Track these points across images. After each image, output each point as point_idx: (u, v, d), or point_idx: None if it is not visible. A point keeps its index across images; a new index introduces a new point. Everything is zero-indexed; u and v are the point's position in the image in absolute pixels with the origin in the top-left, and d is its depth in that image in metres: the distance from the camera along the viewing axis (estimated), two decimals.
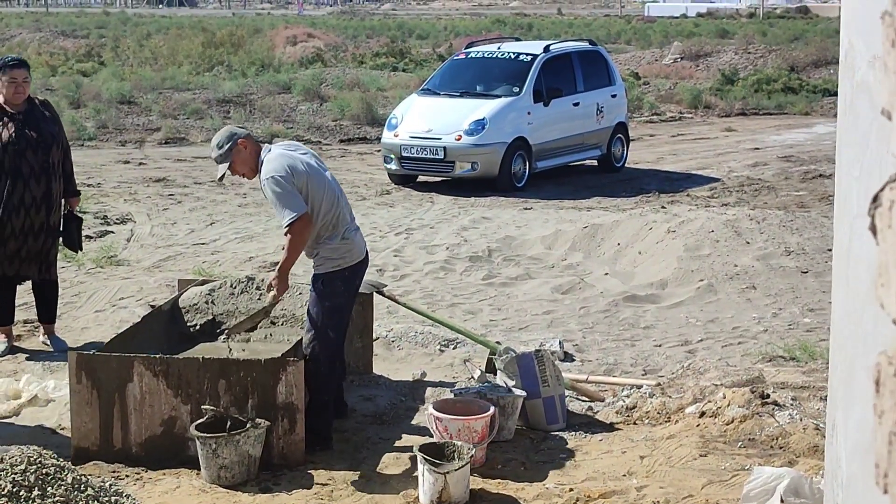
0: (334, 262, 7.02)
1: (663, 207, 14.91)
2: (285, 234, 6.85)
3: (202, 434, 6.54)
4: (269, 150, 7.04)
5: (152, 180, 17.82)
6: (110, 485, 6.34)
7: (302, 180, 6.83)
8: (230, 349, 7.35)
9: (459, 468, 6.26)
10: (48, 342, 9.24)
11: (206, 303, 8.15)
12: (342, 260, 7.05)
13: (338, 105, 25.96)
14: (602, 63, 19.51)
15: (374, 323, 8.72)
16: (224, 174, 7.01)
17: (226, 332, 7.49)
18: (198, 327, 8.05)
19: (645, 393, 7.82)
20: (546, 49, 18.55)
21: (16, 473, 5.85)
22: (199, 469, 6.61)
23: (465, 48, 20.08)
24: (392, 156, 17.36)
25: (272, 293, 7.11)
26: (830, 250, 11.42)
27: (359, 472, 6.73)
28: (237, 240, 13.35)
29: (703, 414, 7.18)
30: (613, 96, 19.32)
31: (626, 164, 19.66)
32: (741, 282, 10.95)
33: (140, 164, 19.74)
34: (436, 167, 17.19)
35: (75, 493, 5.95)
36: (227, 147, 6.91)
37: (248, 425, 6.56)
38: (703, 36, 47.01)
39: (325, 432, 7.11)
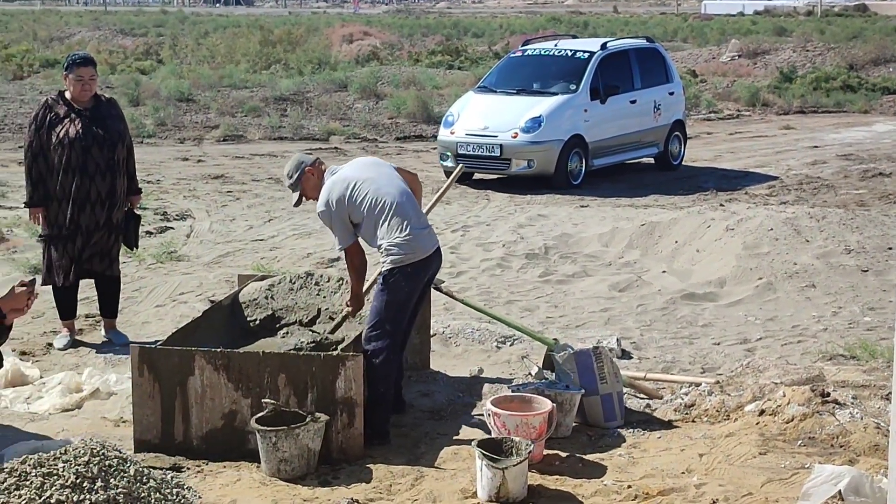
0: (396, 258, 7.12)
1: (721, 205, 14.81)
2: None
3: (263, 427, 6.59)
4: (333, 172, 7.36)
5: (211, 177, 17.95)
6: (171, 477, 6.43)
7: (349, 205, 7.15)
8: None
9: (517, 464, 6.26)
10: (110, 336, 9.35)
11: (266, 298, 8.20)
12: (405, 256, 7.11)
13: (394, 103, 26.03)
14: (659, 60, 19.44)
15: (432, 319, 8.73)
16: (299, 200, 7.47)
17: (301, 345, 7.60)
18: (258, 322, 8.10)
19: (703, 391, 7.78)
20: (603, 46, 18.51)
21: (79, 465, 5.92)
22: (260, 462, 6.66)
23: (522, 45, 20.06)
24: (448, 153, 17.38)
25: (346, 310, 7.50)
26: (891, 249, 11.35)
27: (417, 467, 6.75)
28: (295, 236, 13.43)
29: (762, 412, 7.14)
30: (671, 94, 19.25)
31: (684, 162, 19.59)
32: (800, 280, 10.87)
33: (199, 161, 19.90)
34: (492, 164, 17.19)
35: (137, 484, 6.02)
36: (296, 176, 7.32)
37: (307, 419, 6.60)
38: (760, 34, 46.71)
39: (383, 427, 7.15)
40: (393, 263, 7.13)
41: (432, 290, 8.16)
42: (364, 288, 7.52)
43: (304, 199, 7.46)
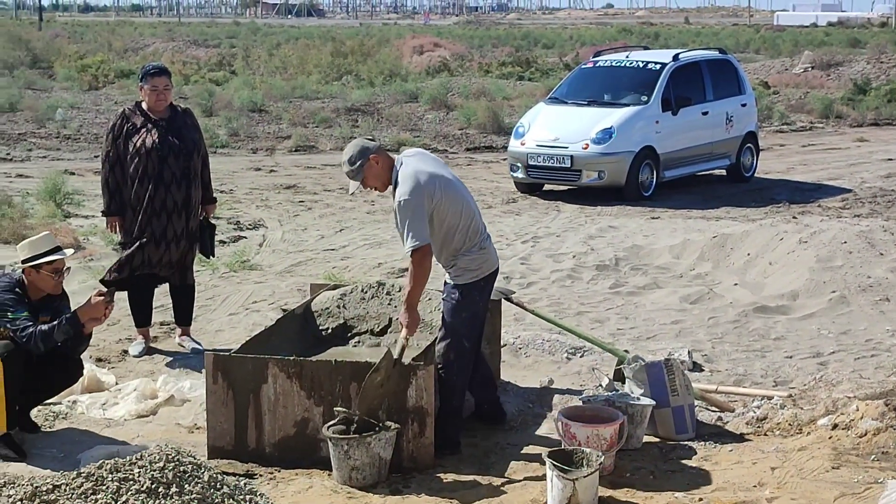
0: (473, 273, 7.03)
1: (794, 218, 14.70)
2: (409, 262, 6.88)
3: (335, 436, 6.64)
4: (402, 163, 6.97)
5: (283, 187, 18.11)
6: (245, 483, 6.49)
7: (436, 200, 6.83)
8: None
9: (588, 475, 6.26)
10: (184, 344, 9.46)
11: (338, 307, 8.26)
12: (479, 270, 7.08)
13: (464, 114, 26.10)
14: (732, 72, 19.33)
15: (502, 330, 8.74)
16: (356, 189, 7.03)
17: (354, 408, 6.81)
18: (330, 331, 8.17)
19: (776, 404, 7.74)
20: (675, 58, 18.45)
21: (154, 470, 6.00)
22: (331, 470, 6.71)
23: (593, 57, 20.04)
24: (519, 164, 17.40)
25: (403, 333, 6.92)
26: None
27: (487, 477, 6.77)
28: (366, 246, 13.51)
29: (835, 426, 7.08)
30: (743, 105, 19.12)
31: (756, 174, 19.45)
32: (874, 294, 10.76)
33: (271, 171, 20.08)
34: (562, 176, 17.18)
35: (211, 490, 6.09)
36: (358, 164, 6.85)
37: (379, 428, 6.65)
38: (833, 45, 46.33)
39: (454, 437, 7.17)
40: (471, 278, 7.02)
41: (503, 300, 8.19)
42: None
43: (362, 187, 6.99)
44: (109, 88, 34.81)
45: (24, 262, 7.31)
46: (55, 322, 7.09)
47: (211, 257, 9.93)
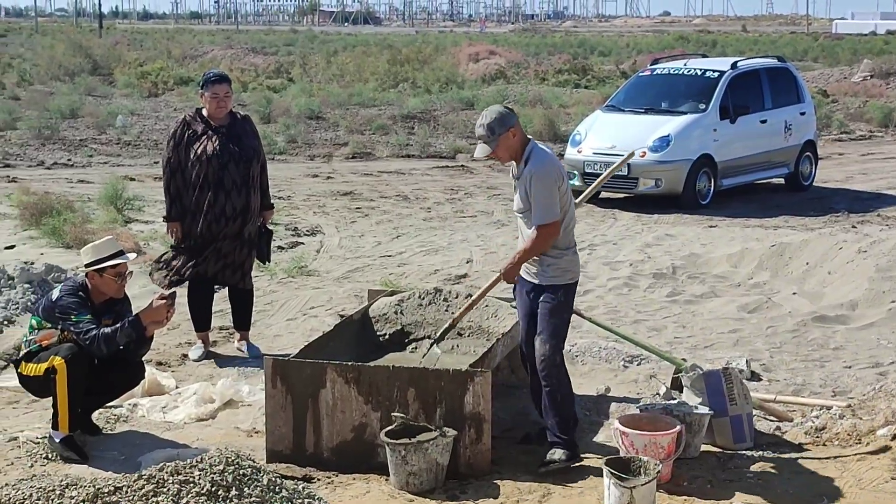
0: (571, 274, 7.06)
1: (853, 227, 14.60)
2: (534, 232, 6.80)
3: (392, 441, 6.68)
4: (534, 143, 6.96)
5: (340, 193, 18.20)
6: (303, 488, 6.52)
7: (562, 189, 6.89)
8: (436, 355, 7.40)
9: (646, 483, 6.25)
10: (243, 348, 9.53)
11: (396, 313, 8.30)
12: (575, 272, 7.14)
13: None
14: (790, 80, 19.21)
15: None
16: (483, 155, 6.90)
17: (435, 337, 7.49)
18: (387, 336, 8.21)
19: (835, 414, 7.69)
20: (733, 66, 18.37)
21: (214, 473, 6.05)
22: (389, 475, 6.74)
23: (651, 64, 19.98)
24: (575, 172, 17.36)
25: (494, 278, 7.18)
26: None
27: (544, 484, 6.77)
28: (422, 252, 13.55)
29: (895, 436, 7.03)
30: (802, 114, 19.00)
31: (815, 183, 19.32)
32: None
33: (328, 177, 20.18)
34: (619, 184, 17.13)
35: (270, 494, 6.13)
36: (498, 132, 6.75)
37: (436, 433, 6.67)
38: (893, 53, 45.86)
39: (574, 443, 7.13)
40: (570, 279, 7.05)
41: None
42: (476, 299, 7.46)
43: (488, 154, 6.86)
44: (168, 95, 35.14)
45: (87, 265, 7.40)
46: (118, 325, 7.17)
47: (266, 263, 10.01)
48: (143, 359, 8.43)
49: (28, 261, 11.73)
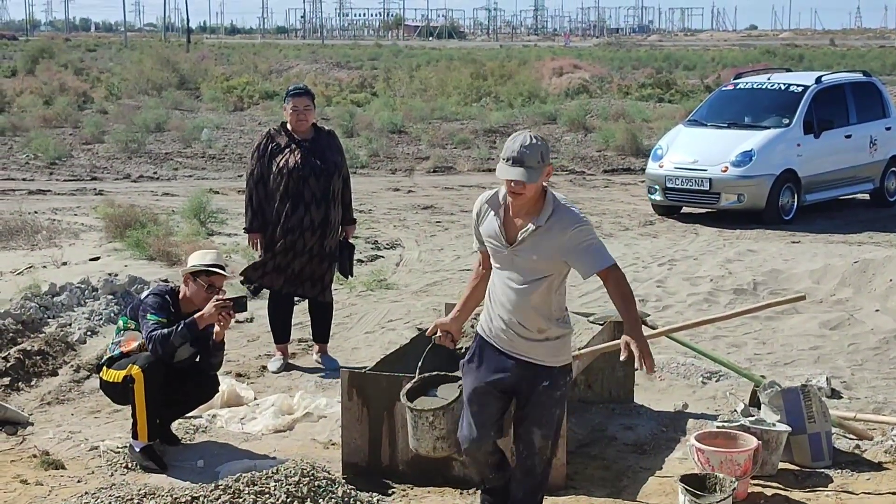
0: (569, 352, 5.86)
1: None
2: (612, 275, 5.47)
3: (419, 408, 6.05)
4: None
5: (420, 207, 18.28)
6: (378, 500, 6.57)
7: None
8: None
9: (721, 500, 6.22)
10: (321, 361, 9.60)
11: (472, 326, 8.29)
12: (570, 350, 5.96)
13: (602, 136, 26.04)
14: (876, 95, 18.96)
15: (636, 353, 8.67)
16: (520, 179, 5.37)
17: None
18: (463, 350, 8.19)
19: None
20: (818, 80, 18.18)
21: (290, 485, 6.12)
22: (463, 488, 6.74)
23: (734, 79, 19.84)
24: (656, 186, 17.30)
25: (638, 363, 5.65)
26: None
27: (619, 500, 6.75)
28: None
29: None
30: (888, 129, 18.74)
31: None
32: None
33: (409, 191, 20.28)
34: (701, 198, 17.03)
35: None
36: (546, 162, 5.43)
37: (459, 390, 6.02)
38: None
39: None
40: (568, 358, 5.84)
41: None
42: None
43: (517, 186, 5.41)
44: (254, 109, 35.52)
45: (185, 270, 7.54)
46: (174, 327, 7.24)
47: (349, 277, 10.07)
48: (223, 370, 8.55)
49: (112, 272, 11.91)
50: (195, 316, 7.28)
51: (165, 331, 7.21)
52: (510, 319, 5.59)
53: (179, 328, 7.20)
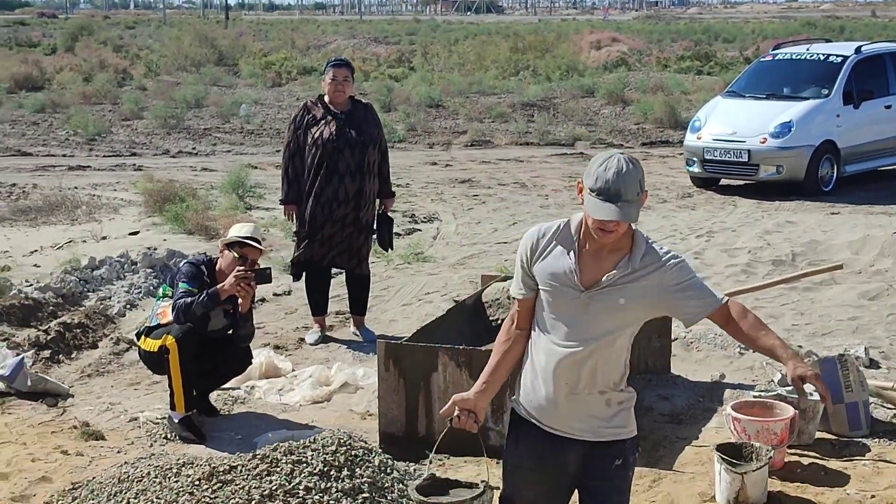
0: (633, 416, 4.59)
1: None
2: (730, 318, 4.27)
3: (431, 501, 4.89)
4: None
5: (458, 181, 18.28)
6: (414, 469, 6.61)
7: None
8: None
9: (757, 469, 6.21)
10: (358, 333, 9.65)
11: (508, 298, 8.32)
12: None
13: (641, 108, 25.94)
14: None
15: (673, 323, 8.68)
16: (617, 219, 4.12)
17: None
18: (499, 322, 8.22)
19: None
20: (857, 50, 18.01)
21: (326, 454, 6.16)
22: (499, 458, 6.75)
23: (772, 50, 19.71)
24: (695, 158, 17.23)
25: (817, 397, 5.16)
26: None
27: (655, 470, 6.75)
28: None
29: None
30: None
31: None
32: None
33: (447, 165, 20.28)
34: (739, 170, 16.95)
35: (381, 475, 6.22)
36: (640, 195, 4.19)
37: (481, 489, 4.94)
38: None
39: None
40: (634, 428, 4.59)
41: None
42: None
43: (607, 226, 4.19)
44: (292, 85, 35.59)
45: (223, 241, 7.59)
46: (196, 296, 7.29)
47: (388, 250, 10.10)
48: (261, 342, 8.61)
49: (151, 246, 12.00)
50: (218, 286, 7.32)
51: (189, 299, 7.25)
52: (570, 387, 4.36)
53: (201, 297, 7.24)
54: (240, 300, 7.35)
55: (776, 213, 15.26)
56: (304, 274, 9.63)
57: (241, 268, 7.30)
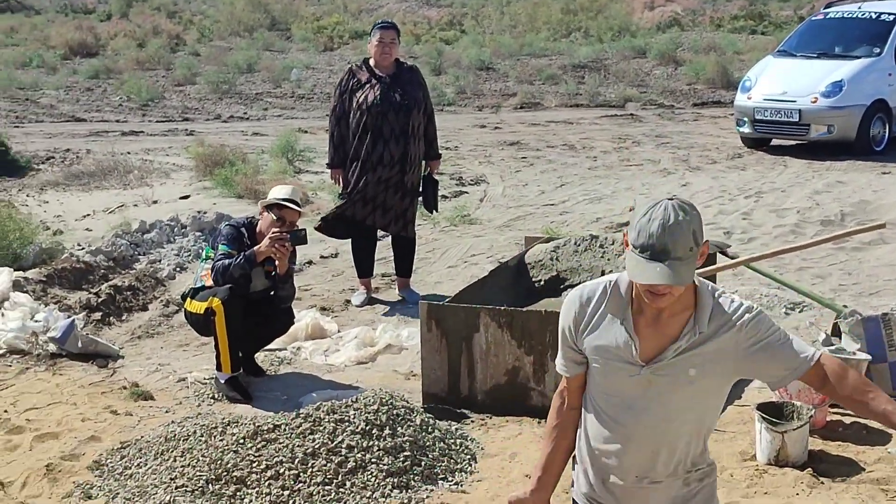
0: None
1: None
2: (826, 377, 3.52)
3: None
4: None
5: (506, 143, 18.27)
6: (456, 428, 6.68)
7: None
8: None
9: (798, 428, 6.21)
10: (403, 295, 9.71)
11: (551, 259, 8.35)
12: None
13: (693, 69, 25.77)
14: None
15: (719, 284, 8.66)
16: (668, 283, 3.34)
17: None
18: (542, 283, 8.27)
19: None
20: None
21: (369, 413, 6.26)
22: (541, 417, 6.81)
23: (824, 8, 19.48)
24: (745, 119, 17.11)
25: None
26: None
27: None
28: (585, 201, 13.54)
29: None
30: None
31: None
32: None
33: (495, 128, 20.27)
34: (790, 130, 16.82)
35: (423, 433, 6.31)
36: (696, 249, 3.40)
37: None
38: None
39: None
40: None
41: (719, 255, 8.11)
42: None
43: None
44: (343, 49, 35.59)
45: (262, 202, 7.67)
46: (235, 258, 7.35)
47: (433, 212, 10.14)
48: (307, 304, 8.70)
49: (200, 210, 12.12)
50: (255, 248, 7.38)
51: (227, 261, 7.32)
52: (640, 476, 3.66)
53: (238, 259, 7.31)
54: (277, 262, 7.42)
55: (827, 173, 15.14)
56: (348, 236, 9.69)
57: (277, 229, 7.36)
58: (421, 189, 9.67)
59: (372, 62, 9.43)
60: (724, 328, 3.52)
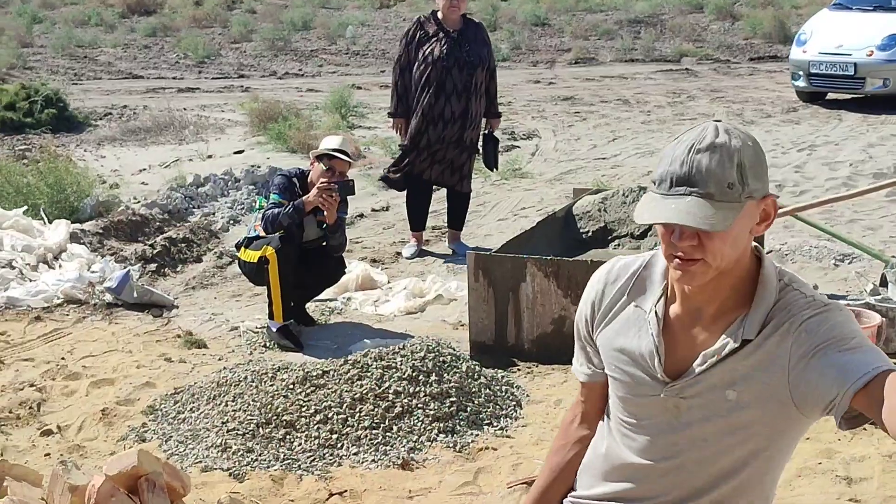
0: None
1: None
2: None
3: None
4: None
5: (560, 99, 18.26)
6: (502, 376, 6.77)
7: None
8: None
9: None
10: (453, 247, 9.80)
11: (599, 210, 8.40)
12: None
13: (750, 23, 25.55)
14: None
15: (769, 237, 8.70)
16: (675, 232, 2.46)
17: None
18: (590, 234, 8.32)
19: None
20: None
21: (416, 360, 6.36)
22: None
23: None
24: (800, 73, 16.99)
25: None
26: None
27: None
28: (637, 155, 13.55)
29: None
30: None
31: None
32: None
33: (550, 83, 20.25)
34: (845, 84, 16.68)
35: (468, 380, 6.41)
36: (741, 189, 2.48)
37: None
38: None
39: None
40: None
41: None
42: None
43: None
44: (400, 6, 35.54)
45: (313, 152, 7.76)
46: (284, 207, 7.43)
47: (494, 170, 10.19)
48: (358, 255, 8.80)
49: (254, 164, 12.26)
50: (304, 198, 7.48)
51: (277, 210, 7.41)
52: None
53: (287, 209, 7.39)
54: (325, 212, 7.50)
55: (882, 126, 15.03)
56: (405, 188, 9.78)
57: (324, 180, 7.45)
58: (481, 146, 9.73)
59: (440, 15, 9.45)
60: (777, 331, 2.48)
